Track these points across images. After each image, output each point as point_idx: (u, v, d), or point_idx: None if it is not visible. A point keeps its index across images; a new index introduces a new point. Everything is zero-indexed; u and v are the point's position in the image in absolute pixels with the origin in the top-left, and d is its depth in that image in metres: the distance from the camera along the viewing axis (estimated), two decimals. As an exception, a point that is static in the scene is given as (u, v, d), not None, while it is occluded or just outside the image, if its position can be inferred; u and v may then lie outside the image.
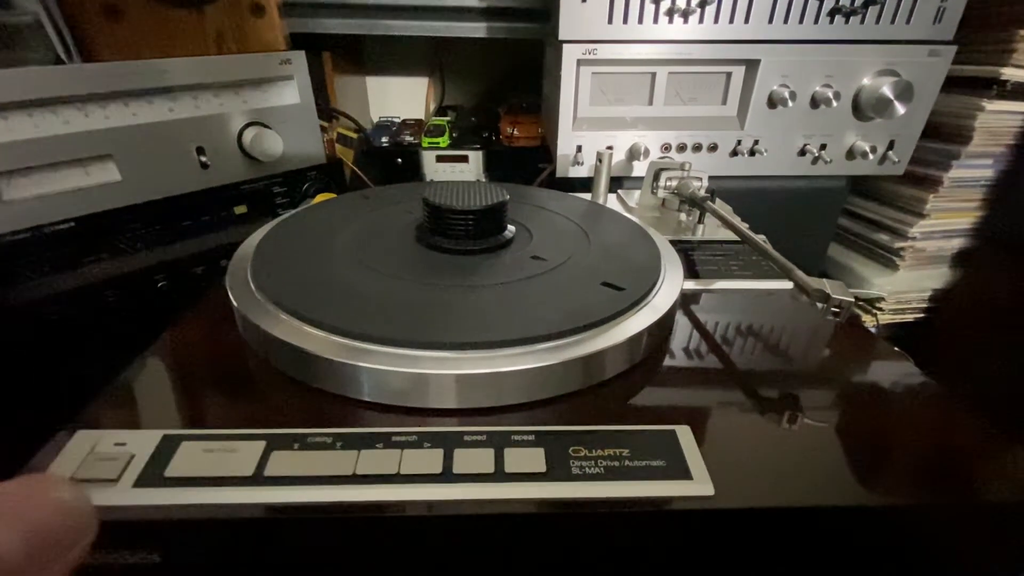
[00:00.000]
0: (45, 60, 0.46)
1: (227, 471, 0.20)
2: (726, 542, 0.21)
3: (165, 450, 0.21)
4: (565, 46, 0.52)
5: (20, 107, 0.44)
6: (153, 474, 0.20)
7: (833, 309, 0.27)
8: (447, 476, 0.20)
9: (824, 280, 0.28)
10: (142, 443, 0.21)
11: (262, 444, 0.21)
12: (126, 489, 0.19)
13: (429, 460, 0.21)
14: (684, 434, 0.23)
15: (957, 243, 0.65)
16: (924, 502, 0.21)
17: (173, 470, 0.20)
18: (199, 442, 0.21)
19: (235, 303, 0.29)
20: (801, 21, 0.52)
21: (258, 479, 0.20)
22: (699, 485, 0.20)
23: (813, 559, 0.22)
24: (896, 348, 0.70)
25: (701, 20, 0.52)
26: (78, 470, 0.20)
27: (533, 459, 0.21)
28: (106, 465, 0.20)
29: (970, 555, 0.23)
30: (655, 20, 0.52)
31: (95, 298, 0.51)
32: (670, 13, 0.52)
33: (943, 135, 0.60)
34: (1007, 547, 0.23)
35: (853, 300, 0.27)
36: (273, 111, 0.58)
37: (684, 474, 0.21)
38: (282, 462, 0.20)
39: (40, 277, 0.48)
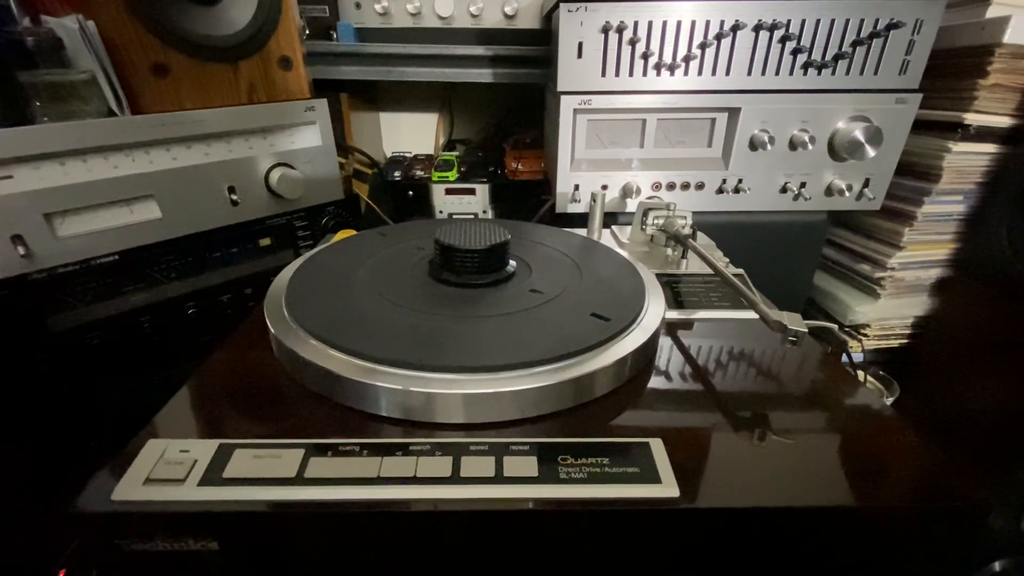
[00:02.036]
0: (99, 112, 0.52)
1: (274, 473, 0.24)
2: (689, 536, 0.25)
3: (222, 456, 0.25)
4: (563, 97, 0.58)
5: (76, 154, 0.50)
6: (214, 475, 0.24)
7: (790, 338, 0.31)
8: (455, 479, 0.24)
9: (783, 313, 0.32)
10: (202, 450, 0.25)
11: (301, 452, 0.25)
12: (192, 487, 0.24)
13: (440, 466, 0.25)
14: (657, 446, 0.27)
15: (934, 273, 0.69)
16: (858, 505, 0.25)
17: (230, 472, 0.24)
18: (249, 449, 0.25)
19: (272, 329, 0.34)
20: (777, 73, 0.58)
21: (299, 480, 0.24)
22: (666, 488, 0.24)
23: (768, 554, 0.26)
24: (881, 372, 0.74)
25: (686, 73, 0.58)
26: (152, 471, 0.24)
27: (527, 465, 0.25)
28: (175, 468, 0.24)
29: (916, 560, 0.27)
30: (644, 73, 0.57)
31: (133, 324, 0.56)
32: (658, 67, 0.57)
33: (915, 173, 0.65)
34: (951, 553, 0.26)
35: (806, 331, 0.31)
36: (297, 153, 0.63)
37: (654, 479, 0.25)
38: (319, 466, 0.25)
39: (85, 305, 0.53)
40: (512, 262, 0.42)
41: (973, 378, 0.66)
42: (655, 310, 0.37)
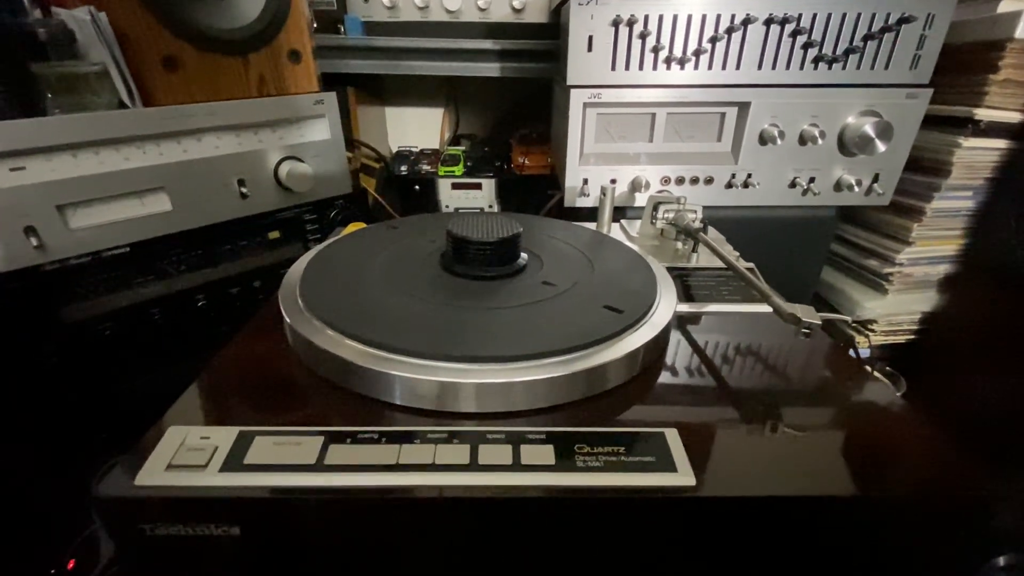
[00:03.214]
0: (111, 104, 0.52)
1: (294, 460, 0.25)
2: (705, 525, 0.25)
3: (242, 443, 0.25)
4: (572, 90, 0.58)
5: (88, 146, 0.50)
6: (235, 461, 0.24)
7: (804, 330, 0.32)
8: (474, 466, 0.25)
9: (797, 305, 0.33)
10: (223, 437, 0.26)
11: (321, 439, 0.26)
12: (214, 474, 0.24)
13: (458, 453, 0.25)
14: (672, 436, 0.27)
15: (942, 269, 0.69)
16: (868, 495, 0.25)
17: (251, 459, 0.25)
18: (269, 436, 0.26)
19: (287, 320, 0.34)
20: (787, 67, 0.57)
21: (319, 467, 0.24)
22: (682, 477, 0.25)
23: (780, 543, 0.26)
24: (888, 368, 0.74)
25: (696, 67, 0.58)
26: (174, 457, 0.24)
27: (544, 454, 0.25)
28: (196, 454, 0.25)
29: (922, 552, 0.27)
30: (654, 67, 0.57)
31: (143, 316, 0.56)
32: (668, 61, 0.57)
33: (925, 169, 0.64)
34: (957, 546, 0.27)
35: (820, 323, 0.31)
36: (306, 146, 0.64)
37: (670, 468, 0.25)
38: (338, 453, 0.25)
39: (96, 297, 0.53)
40: (523, 255, 0.42)
41: (980, 374, 0.66)
42: (667, 303, 0.38)
